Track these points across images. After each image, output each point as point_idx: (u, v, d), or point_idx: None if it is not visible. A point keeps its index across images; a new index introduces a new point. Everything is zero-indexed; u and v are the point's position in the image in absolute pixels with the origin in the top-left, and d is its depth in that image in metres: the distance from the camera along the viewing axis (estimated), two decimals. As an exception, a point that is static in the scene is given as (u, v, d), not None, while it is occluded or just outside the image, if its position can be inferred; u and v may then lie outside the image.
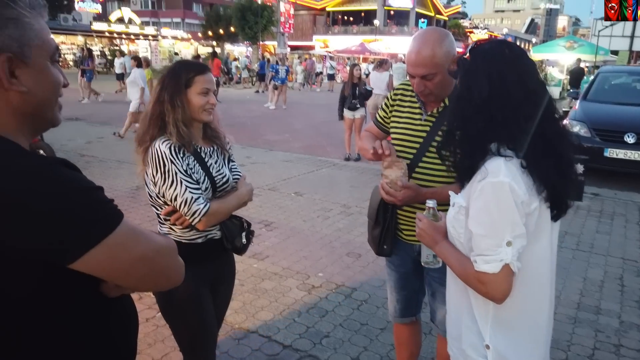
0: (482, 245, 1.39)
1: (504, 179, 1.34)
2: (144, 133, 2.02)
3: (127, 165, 8.04)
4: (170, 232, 2.07)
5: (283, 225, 5.46)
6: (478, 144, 1.42)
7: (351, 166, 8.71)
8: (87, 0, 47.06)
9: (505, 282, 1.38)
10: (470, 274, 1.43)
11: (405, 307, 2.49)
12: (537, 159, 1.39)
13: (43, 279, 0.92)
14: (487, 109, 1.39)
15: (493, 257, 1.36)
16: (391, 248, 2.33)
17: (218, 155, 2.17)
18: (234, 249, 2.14)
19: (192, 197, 1.92)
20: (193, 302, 2.08)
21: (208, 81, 2.04)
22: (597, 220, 5.91)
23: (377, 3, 52.15)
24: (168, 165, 1.92)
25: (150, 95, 2.06)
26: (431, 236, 1.62)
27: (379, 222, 2.31)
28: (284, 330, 3.40)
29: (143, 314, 3.48)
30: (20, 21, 0.94)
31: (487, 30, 63.53)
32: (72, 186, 0.92)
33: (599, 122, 7.92)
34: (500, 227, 1.36)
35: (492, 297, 1.42)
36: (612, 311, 3.78)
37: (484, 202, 1.38)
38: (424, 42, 2.02)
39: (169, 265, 1.10)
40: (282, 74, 18.16)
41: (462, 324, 1.57)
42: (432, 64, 1.98)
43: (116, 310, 1.10)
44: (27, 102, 0.98)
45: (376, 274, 4.30)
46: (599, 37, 22.13)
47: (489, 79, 1.40)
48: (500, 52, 1.45)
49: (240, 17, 40.14)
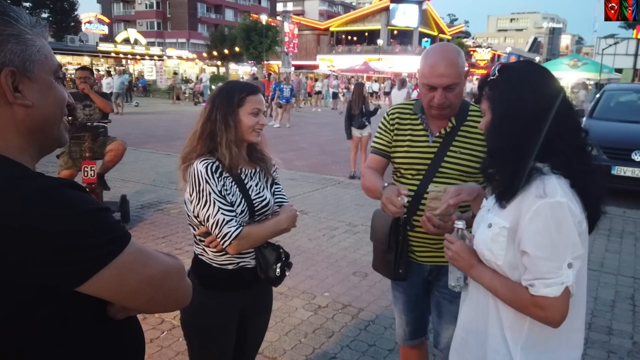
0: (543, 268, 1.34)
1: (561, 199, 1.32)
2: (190, 151, 1.97)
3: (132, 184, 8.05)
4: (203, 254, 2.02)
5: (288, 244, 5.42)
6: (526, 162, 1.39)
7: (356, 184, 8.68)
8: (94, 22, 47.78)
9: (565, 305, 1.36)
10: (524, 299, 1.39)
11: (414, 329, 2.43)
12: (581, 176, 1.38)
13: (49, 303, 0.89)
14: (536, 127, 1.39)
15: (554, 280, 1.33)
16: (407, 271, 2.24)
17: (260, 178, 2.10)
18: (267, 279, 2.03)
19: (224, 219, 1.86)
20: (216, 330, 2.03)
21: (259, 102, 2.00)
22: (606, 239, 5.85)
23: (380, 23, 52.69)
24: (203, 185, 1.87)
25: (199, 116, 2.01)
26: (466, 259, 1.55)
27: (392, 246, 2.21)
28: (290, 352, 3.34)
29: (147, 334, 3.43)
30: (21, 37, 0.94)
31: (490, 49, 63.88)
32: (78, 208, 0.90)
33: (606, 140, 7.88)
34: (562, 249, 1.33)
35: (551, 322, 1.38)
36: (625, 332, 3.71)
37: (543, 224, 1.34)
38: (446, 53, 2.04)
39: (177, 286, 1.07)
40: (287, 92, 18.29)
41: (486, 348, 1.52)
42: (457, 74, 2.01)
43: (122, 332, 1.08)
44: (33, 118, 0.97)
45: (383, 293, 4.24)
46: (603, 55, 22.25)
47: (535, 95, 1.41)
48: (534, 71, 1.48)
49: (245, 37, 40.64)
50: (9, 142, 0.95)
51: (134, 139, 13.28)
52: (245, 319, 2.12)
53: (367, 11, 55.64)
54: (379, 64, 44.30)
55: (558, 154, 1.39)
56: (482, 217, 1.58)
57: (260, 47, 40.19)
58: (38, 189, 0.88)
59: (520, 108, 1.40)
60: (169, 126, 16.63)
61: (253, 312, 2.15)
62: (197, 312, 1.94)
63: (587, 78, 23.52)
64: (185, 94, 31.14)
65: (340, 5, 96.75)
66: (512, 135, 1.41)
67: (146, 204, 6.89)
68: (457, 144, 2.13)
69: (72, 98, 1.09)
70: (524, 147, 1.39)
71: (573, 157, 1.39)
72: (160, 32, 70.79)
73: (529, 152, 1.39)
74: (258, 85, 2.14)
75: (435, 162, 2.13)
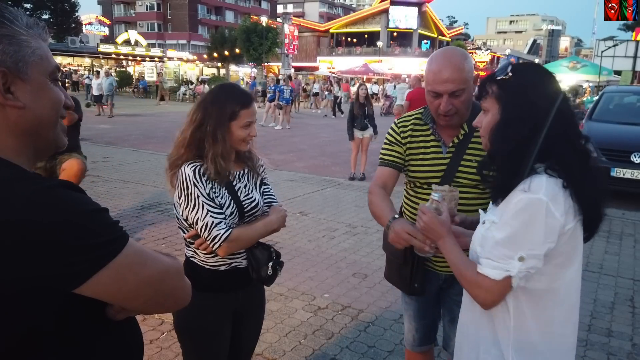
0: (495, 251, 1.38)
1: (542, 197, 1.32)
2: (177, 158, 1.95)
3: (132, 185, 8.05)
4: (194, 256, 2.01)
5: (288, 246, 5.42)
6: (526, 164, 1.39)
7: (356, 186, 8.69)
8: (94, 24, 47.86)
9: (500, 293, 1.40)
10: (470, 274, 1.45)
11: (424, 336, 2.38)
12: (579, 179, 1.38)
13: (47, 305, 0.89)
14: (541, 130, 1.38)
15: (500, 265, 1.37)
16: (423, 285, 2.14)
17: (249, 179, 2.09)
18: (259, 279, 2.03)
19: (213, 222, 1.85)
20: (210, 332, 2.03)
21: (252, 114, 1.97)
22: (605, 241, 5.85)
23: (380, 25, 52.74)
24: (191, 188, 1.86)
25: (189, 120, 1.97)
26: (436, 230, 1.60)
27: (408, 260, 2.09)
28: (290, 353, 3.34)
29: (147, 336, 3.43)
30: (15, 38, 0.93)
31: (489, 51, 63.89)
32: (76, 209, 0.89)
33: (605, 142, 7.89)
34: (520, 241, 1.35)
35: (480, 302, 1.44)
36: (624, 334, 3.71)
37: (514, 213, 1.36)
38: (450, 58, 1.96)
39: (176, 286, 1.07)
40: (287, 94, 18.30)
41: (479, 350, 1.53)
42: (462, 79, 1.93)
43: (121, 334, 1.07)
44: (25, 119, 0.96)
45: (383, 295, 4.24)
46: (602, 58, 22.28)
47: (544, 100, 1.41)
48: (545, 76, 1.48)
49: (245, 39, 40.70)
50: (3, 144, 0.94)
51: (134, 140, 13.32)
52: (239, 320, 2.12)
53: (366, 13, 55.74)
54: (379, 65, 44.34)
55: (557, 157, 1.39)
56: (482, 217, 1.59)
57: (260, 48, 40.25)
58: (34, 190, 0.87)
59: (531, 113, 1.40)
60: (170, 127, 16.62)
61: (247, 313, 2.15)
62: (190, 314, 1.93)
63: (586, 80, 23.54)
64: (186, 95, 31.11)
65: (340, 7, 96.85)
66: (518, 139, 1.41)
67: (146, 205, 6.89)
68: (471, 152, 2.06)
69: (71, 100, 1.09)
70: (527, 151, 1.39)
71: (573, 161, 1.39)
72: (160, 33, 70.86)
73: (532, 155, 1.39)
74: (251, 94, 2.11)
75: (449, 172, 2.07)
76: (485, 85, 1.53)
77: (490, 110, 1.51)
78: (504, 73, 1.47)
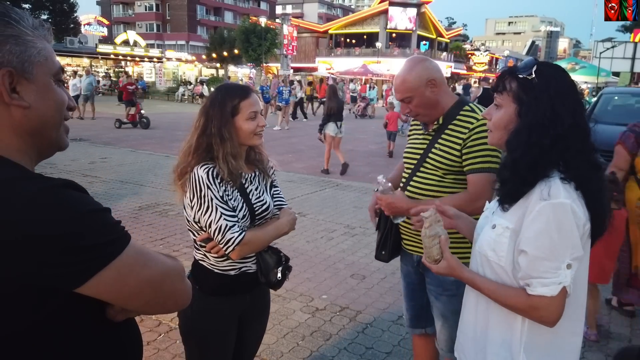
0: (541, 268, 1.34)
1: (565, 200, 1.32)
2: (186, 165, 1.91)
3: (130, 185, 8.04)
4: (204, 259, 1.99)
5: (286, 247, 5.41)
6: (542, 174, 1.38)
7: (355, 187, 8.69)
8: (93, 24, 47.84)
9: (561, 305, 1.36)
10: (518, 300, 1.39)
11: (413, 317, 2.54)
12: (588, 181, 1.37)
13: (48, 304, 0.89)
14: (561, 142, 1.36)
15: (552, 279, 1.33)
16: (389, 255, 2.45)
17: (260, 181, 2.07)
18: (268, 283, 2.02)
19: (227, 225, 1.83)
20: (216, 335, 2.01)
21: (254, 104, 1.94)
22: (603, 242, 5.84)
23: (379, 26, 52.74)
24: (204, 191, 1.84)
25: (193, 128, 1.95)
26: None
27: (380, 227, 2.45)
28: (288, 354, 3.34)
29: (144, 337, 3.40)
30: (21, 38, 0.94)
31: (488, 52, 63.90)
32: (78, 209, 0.89)
33: (603, 144, 7.84)
34: (562, 250, 1.32)
35: (546, 321, 1.38)
36: (623, 335, 3.71)
37: (544, 224, 1.33)
38: (401, 70, 2.27)
39: (177, 287, 1.07)
40: (286, 95, 18.28)
41: (486, 352, 1.52)
42: (404, 89, 2.21)
43: (121, 335, 1.07)
44: (30, 119, 0.96)
45: (381, 296, 4.24)
46: (600, 59, 22.31)
47: (568, 115, 1.38)
48: (569, 81, 1.43)
49: (244, 40, 40.65)
50: (7, 143, 0.95)
51: (132, 140, 13.30)
52: (244, 323, 2.11)
53: (365, 14, 55.67)
54: (377, 66, 44.34)
55: (574, 169, 1.37)
56: (486, 218, 1.57)
57: (259, 49, 40.21)
58: (37, 189, 0.87)
59: (554, 123, 1.37)
60: (169, 127, 16.60)
61: (252, 316, 2.14)
62: (197, 317, 1.93)
63: (585, 81, 23.56)
64: (184, 96, 31.08)
65: (339, 8, 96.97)
66: (537, 149, 1.37)
67: (144, 205, 6.88)
68: (441, 141, 2.24)
69: (74, 101, 1.09)
70: (546, 160, 1.37)
71: (591, 175, 1.38)
72: (159, 34, 70.83)
73: (549, 166, 1.37)
74: (249, 86, 2.10)
75: (423, 156, 2.30)
76: (504, 79, 1.46)
77: (503, 107, 1.46)
78: (527, 72, 1.41)
